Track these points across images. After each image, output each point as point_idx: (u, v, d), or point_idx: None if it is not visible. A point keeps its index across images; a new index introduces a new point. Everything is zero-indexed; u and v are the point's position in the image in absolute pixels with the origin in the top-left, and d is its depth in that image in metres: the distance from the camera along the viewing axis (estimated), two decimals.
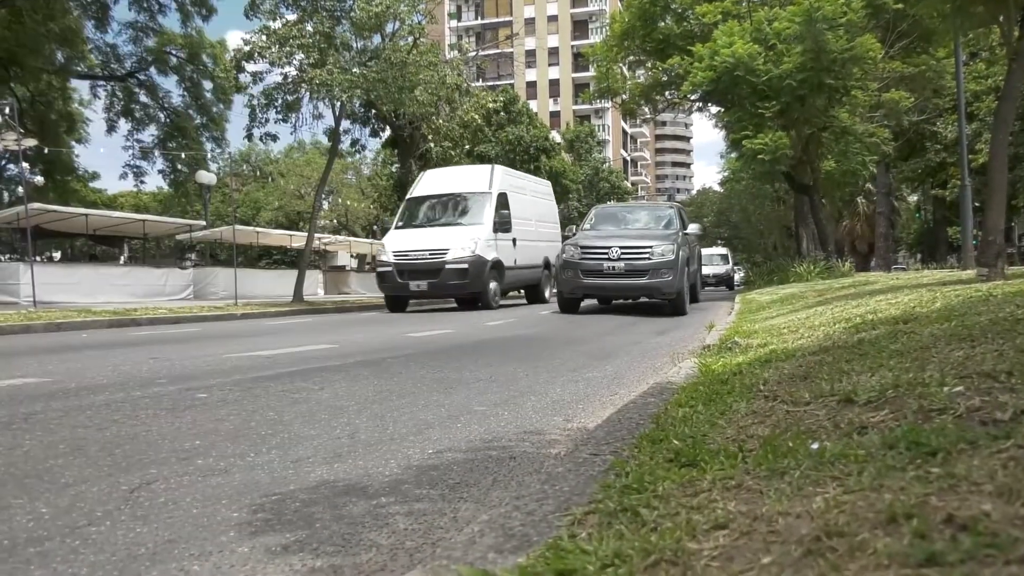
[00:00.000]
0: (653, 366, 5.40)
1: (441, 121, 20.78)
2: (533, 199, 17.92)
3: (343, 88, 16.24)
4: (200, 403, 3.73)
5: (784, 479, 1.49)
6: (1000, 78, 22.72)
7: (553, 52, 72.92)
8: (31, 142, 21.24)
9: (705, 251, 40.20)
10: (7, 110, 19.24)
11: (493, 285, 14.73)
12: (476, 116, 21.29)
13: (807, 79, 18.90)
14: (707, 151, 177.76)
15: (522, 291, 18.35)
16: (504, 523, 1.50)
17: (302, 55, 17.07)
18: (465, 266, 14.09)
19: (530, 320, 11.53)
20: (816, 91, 19.47)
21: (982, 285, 6.34)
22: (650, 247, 11.80)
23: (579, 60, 64.89)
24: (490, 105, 22.93)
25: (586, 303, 13.51)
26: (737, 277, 44.04)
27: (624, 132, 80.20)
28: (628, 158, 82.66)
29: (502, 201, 15.66)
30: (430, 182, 16.47)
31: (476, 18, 73.56)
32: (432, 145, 20.93)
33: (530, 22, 70.23)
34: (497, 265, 14.87)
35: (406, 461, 2.59)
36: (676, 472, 1.71)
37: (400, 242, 14.87)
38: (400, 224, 15.65)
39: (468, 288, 14.43)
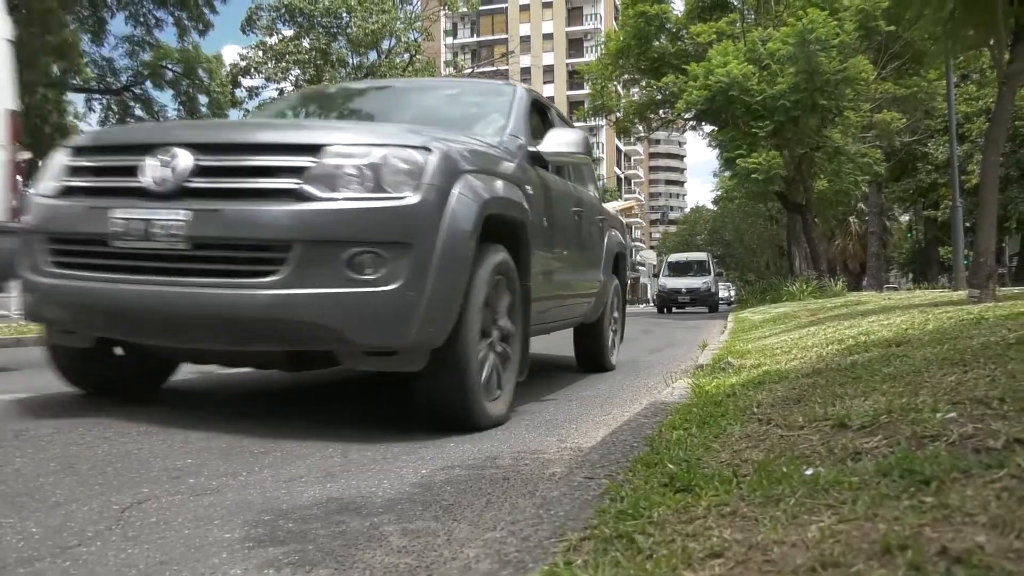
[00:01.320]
0: (646, 385, 5.40)
1: None
2: None
3: None
4: (193, 420, 3.71)
5: (779, 506, 1.49)
6: (991, 100, 22.94)
7: (548, 70, 73.30)
8: (26, 155, 21.20)
9: (676, 257, 32.00)
10: None
11: None
12: None
13: (800, 99, 19.09)
14: (701, 170, 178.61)
15: None
16: (500, 548, 1.50)
17: (298, 71, 17.17)
18: None
19: None
20: (809, 111, 19.66)
21: (973, 307, 6.38)
22: (323, 150, 2.99)
23: (574, 78, 65.19)
24: None
25: None
26: (727, 295, 40.14)
27: (618, 150, 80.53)
28: (622, 176, 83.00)
29: None
30: None
31: (472, 36, 73.96)
32: None
33: (525, 40, 70.64)
34: None
35: (399, 481, 2.58)
36: (671, 497, 1.71)
37: None
38: None
39: None
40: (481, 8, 49.28)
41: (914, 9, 9.39)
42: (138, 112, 32.11)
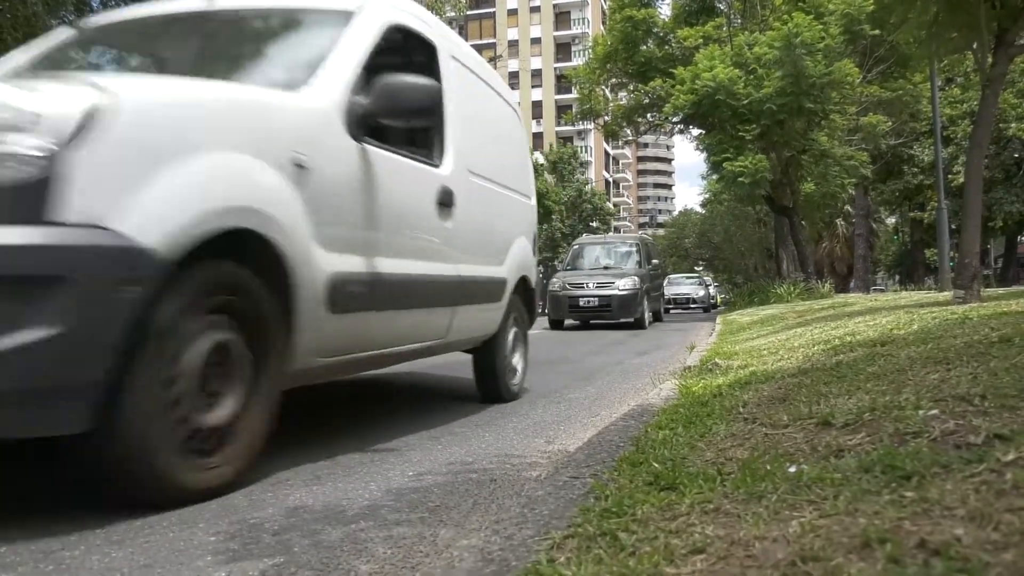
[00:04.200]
0: (634, 387, 5.41)
1: None
2: None
3: None
4: None
5: (761, 503, 1.50)
6: (974, 103, 23.13)
7: (536, 74, 73.44)
8: None
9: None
10: None
11: None
12: None
13: (787, 103, 19.15)
14: (689, 173, 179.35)
15: None
16: (483, 548, 1.50)
17: None
18: None
19: None
20: (795, 115, 19.72)
21: (958, 307, 6.42)
22: None
23: (562, 82, 65.39)
24: None
25: None
26: (706, 292, 34.60)
27: (606, 153, 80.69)
28: (610, 179, 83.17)
29: None
30: None
31: None
32: None
33: (513, 44, 70.70)
34: None
35: (386, 484, 2.58)
36: (655, 495, 1.71)
37: None
38: None
39: None
40: (469, 12, 49.38)
41: (898, 13, 9.44)
42: None
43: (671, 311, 28.62)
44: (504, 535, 1.57)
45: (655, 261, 15.74)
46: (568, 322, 15.40)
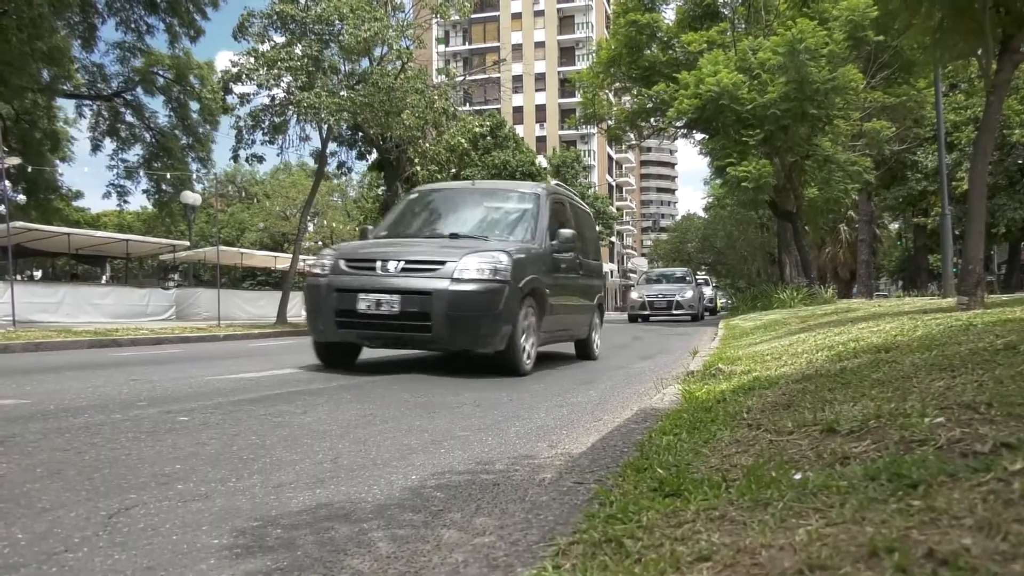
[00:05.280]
0: (637, 391, 5.40)
1: (428, 144, 20.83)
2: None
3: (330, 111, 16.26)
4: (181, 426, 3.69)
5: (767, 510, 1.49)
6: (979, 109, 23.11)
7: (540, 78, 73.49)
8: (14, 160, 21.08)
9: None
10: None
11: None
12: (463, 140, 21.36)
13: (790, 108, 19.18)
14: (692, 177, 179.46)
15: None
16: (488, 553, 1.49)
17: (290, 78, 17.07)
18: None
19: None
20: (799, 120, 19.75)
21: (962, 314, 6.40)
22: None
23: (565, 86, 65.46)
24: (477, 129, 23.04)
25: None
26: (681, 295, 22.86)
27: (610, 158, 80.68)
28: (613, 183, 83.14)
29: None
30: None
31: (464, 43, 74.10)
32: (418, 168, 20.95)
33: (517, 48, 70.79)
34: None
35: (389, 487, 2.57)
36: (660, 502, 1.71)
37: None
38: None
39: None
40: (473, 16, 49.45)
41: (903, 19, 9.43)
42: (129, 118, 32.06)
43: (650, 318, 23.11)
44: (509, 540, 1.57)
45: (567, 231, 7.47)
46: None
